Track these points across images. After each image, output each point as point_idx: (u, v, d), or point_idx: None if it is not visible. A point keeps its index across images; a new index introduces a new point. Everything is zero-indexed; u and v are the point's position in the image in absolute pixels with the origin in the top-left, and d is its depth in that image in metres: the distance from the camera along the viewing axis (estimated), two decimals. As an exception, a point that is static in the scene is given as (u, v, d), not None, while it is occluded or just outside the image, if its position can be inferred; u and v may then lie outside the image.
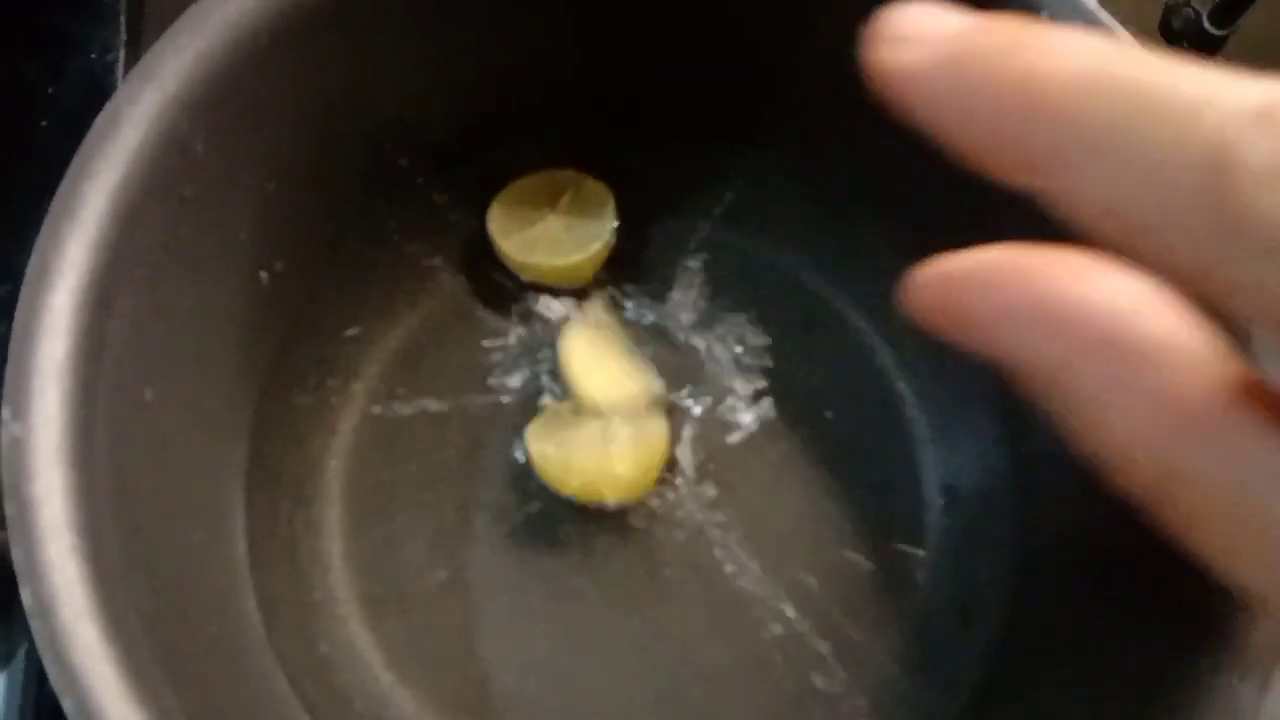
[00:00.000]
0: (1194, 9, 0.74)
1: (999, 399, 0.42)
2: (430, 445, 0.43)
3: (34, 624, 0.26)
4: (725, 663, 0.41)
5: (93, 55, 0.45)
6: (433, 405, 0.44)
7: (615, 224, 0.44)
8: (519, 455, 0.42)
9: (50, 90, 0.44)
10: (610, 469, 0.41)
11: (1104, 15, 0.33)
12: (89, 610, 0.26)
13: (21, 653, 0.44)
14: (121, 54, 0.45)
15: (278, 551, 0.40)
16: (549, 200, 0.44)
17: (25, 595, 0.26)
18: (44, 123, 0.44)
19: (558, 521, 0.42)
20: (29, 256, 0.42)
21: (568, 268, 0.44)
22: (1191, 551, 0.22)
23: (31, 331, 0.27)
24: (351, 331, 0.43)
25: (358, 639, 0.40)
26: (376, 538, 0.42)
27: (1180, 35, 0.77)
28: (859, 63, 0.34)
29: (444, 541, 0.42)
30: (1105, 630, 0.35)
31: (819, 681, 0.41)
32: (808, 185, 0.44)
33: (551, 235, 0.44)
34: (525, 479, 0.43)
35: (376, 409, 0.43)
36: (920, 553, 0.42)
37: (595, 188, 0.44)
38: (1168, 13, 0.77)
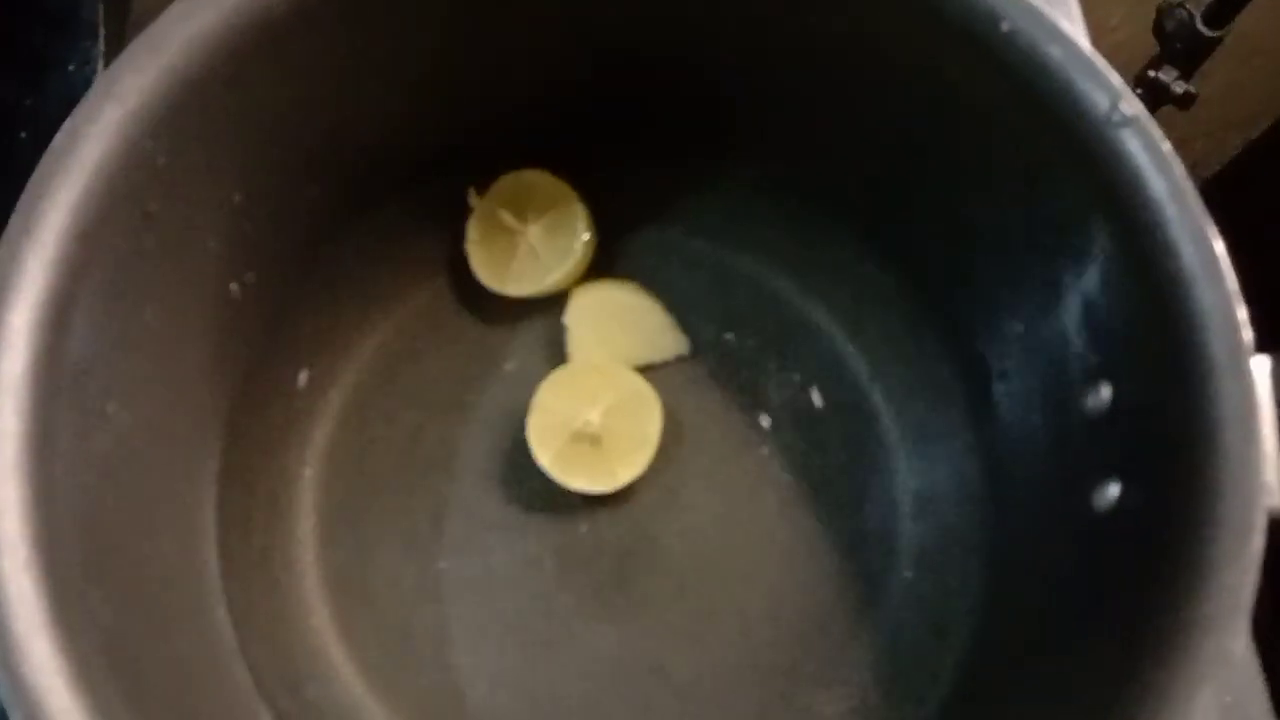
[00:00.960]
0: (1188, 10, 0.74)
1: (973, 404, 0.42)
2: (405, 454, 0.43)
3: (-12, 638, 0.26)
4: (699, 674, 0.41)
5: (71, 68, 0.45)
6: (408, 414, 0.44)
7: (587, 237, 0.44)
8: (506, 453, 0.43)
9: (28, 103, 0.45)
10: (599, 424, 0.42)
11: (1064, 24, 0.33)
12: (43, 625, 0.26)
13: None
14: (100, 66, 0.45)
15: (250, 562, 0.40)
16: (520, 214, 0.44)
17: (-21, 609, 0.26)
18: (22, 134, 0.45)
19: (532, 532, 0.43)
20: None
21: (546, 290, 0.44)
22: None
23: (-12, 348, 0.28)
24: (327, 341, 0.43)
25: (331, 649, 0.41)
26: (350, 547, 0.42)
27: (1173, 36, 0.77)
28: (836, 81, 0.34)
29: (417, 551, 0.42)
30: (1072, 646, 0.35)
31: (791, 693, 0.41)
32: (782, 198, 0.44)
33: (528, 258, 0.44)
34: (499, 489, 0.43)
35: (351, 418, 0.43)
36: (893, 563, 0.42)
37: (563, 193, 0.44)
38: (1161, 14, 0.77)
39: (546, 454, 0.41)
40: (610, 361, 0.44)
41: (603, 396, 0.42)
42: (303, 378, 0.43)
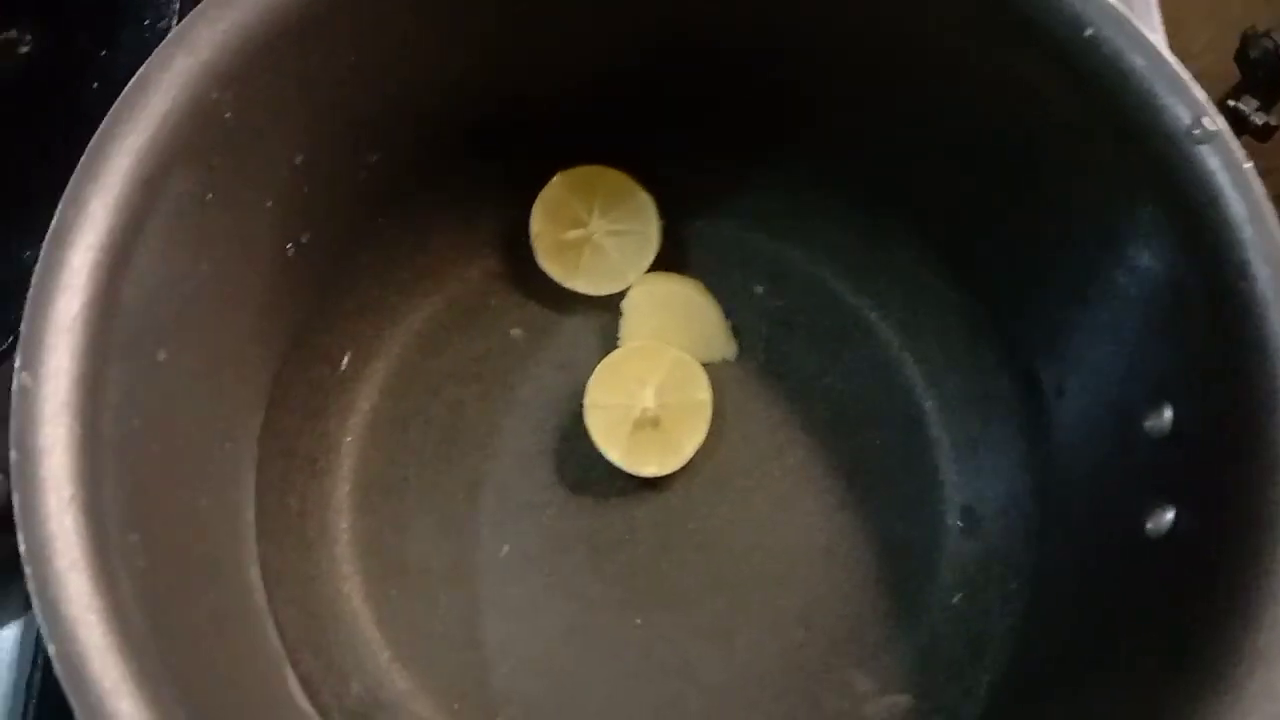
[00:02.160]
0: (1273, 39, 0.72)
1: (1029, 421, 0.41)
2: (446, 429, 0.43)
3: (27, 570, 0.26)
4: (726, 673, 0.41)
5: (146, 23, 0.46)
6: (451, 389, 0.44)
7: (658, 240, 0.44)
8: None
9: (102, 54, 0.45)
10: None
11: (1146, 31, 0.32)
12: (82, 561, 0.26)
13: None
14: (174, 21, 0.46)
15: (286, 523, 0.40)
16: (587, 209, 0.44)
17: (20, 542, 0.26)
18: (94, 85, 0.45)
19: (568, 515, 0.42)
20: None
21: (613, 290, 0.44)
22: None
23: (48, 287, 0.28)
24: (376, 309, 0.43)
25: (359, 615, 0.41)
26: (385, 516, 0.42)
27: (1257, 65, 0.75)
28: (906, 79, 0.33)
29: (452, 526, 0.42)
30: (1113, 671, 0.34)
31: (819, 699, 0.40)
32: (843, 196, 0.44)
33: (597, 256, 0.44)
34: (538, 470, 0.43)
35: (395, 389, 0.43)
36: (933, 576, 0.41)
37: (632, 191, 0.44)
38: (1245, 42, 0.75)
39: (616, 451, 0.41)
40: (644, 341, 0.43)
41: (650, 377, 0.42)
42: (349, 345, 0.43)
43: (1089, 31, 0.32)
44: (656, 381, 0.42)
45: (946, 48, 0.35)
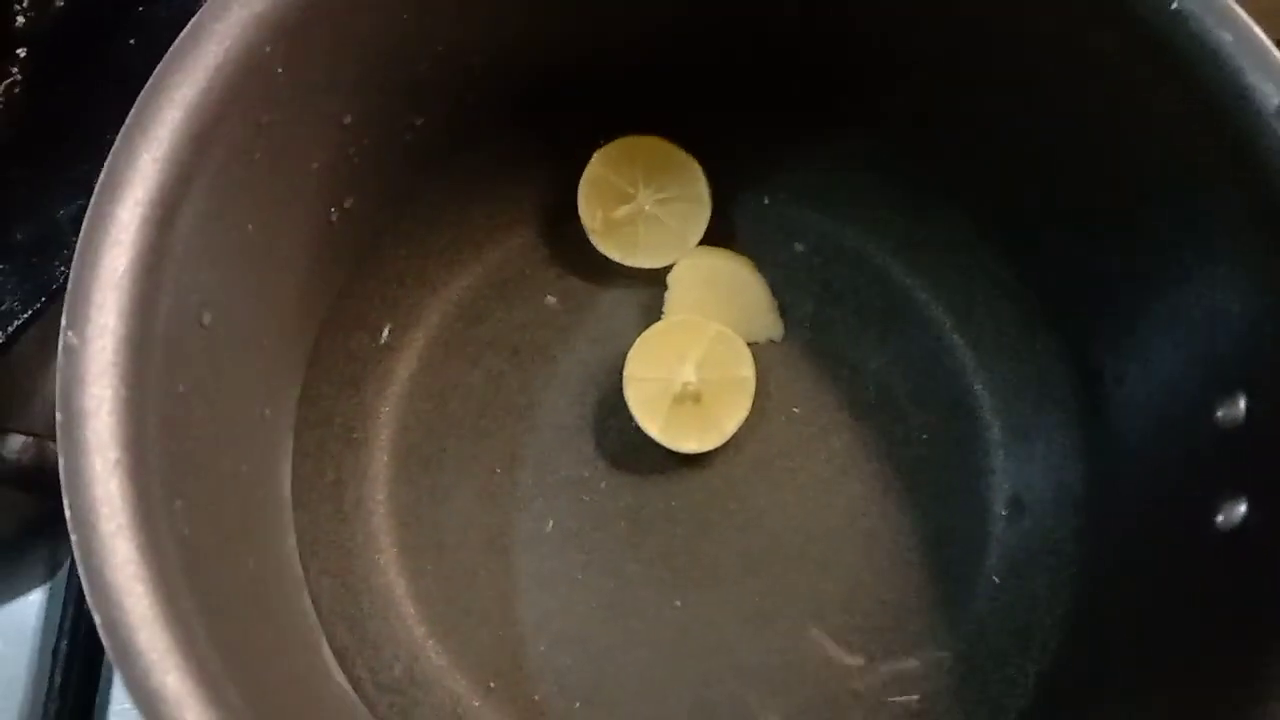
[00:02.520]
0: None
1: (1083, 408, 0.40)
2: (485, 401, 0.42)
3: (73, 536, 0.25)
4: (764, 657, 0.40)
5: (185, -23, 0.45)
6: (491, 360, 0.43)
7: (709, 215, 0.43)
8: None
9: (140, 8, 0.44)
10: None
11: (1238, 9, 0.30)
12: (127, 527, 0.26)
13: (65, 567, 0.45)
14: (214, -21, 0.45)
15: (323, 493, 0.39)
16: (631, 180, 0.43)
17: (66, 506, 0.25)
18: (130, 40, 0.44)
19: (607, 490, 0.41)
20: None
21: (663, 264, 0.43)
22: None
23: (95, 242, 0.27)
24: (416, 277, 0.42)
25: (394, 588, 0.40)
26: (422, 488, 0.41)
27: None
28: (969, 49, 0.32)
29: (490, 499, 0.41)
30: (1167, 669, 0.33)
31: (860, 687, 0.39)
32: (896, 172, 0.43)
33: (648, 229, 0.43)
34: (577, 444, 0.42)
35: (435, 358, 0.42)
36: (979, 564, 0.40)
37: (685, 164, 0.43)
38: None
39: (655, 424, 0.40)
40: (686, 315, 0.42)
41: (691, 352, 0.41)
42: (388, 313, 0.42)
43: (1174, 5, 0.31)
44: (697, 356, 0.41)
45: (1020, 20, 0.34)
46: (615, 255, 0.43)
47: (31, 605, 0.45)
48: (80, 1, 0.45)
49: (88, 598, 0.25)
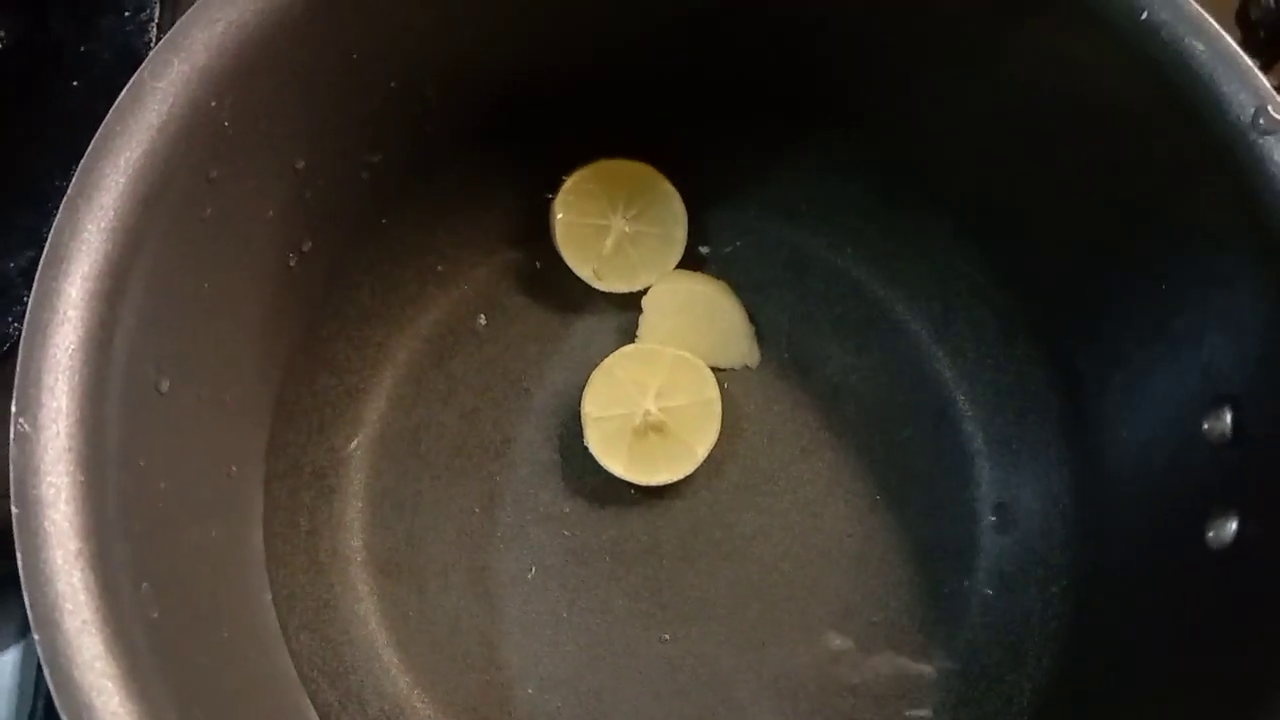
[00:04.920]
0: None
1: (1067, 416, 0.39)
2: (459, 439, 0.41)
3: (37, 635, 0.24)
4: (758, 687, 0.39)
5: (127, 13, 0.43)
6: (463, 397, 0.42)
7: (684, 237, 0.42)
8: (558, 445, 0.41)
9: (81, 48, 0.42)
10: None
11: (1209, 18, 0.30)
12: (92, 622, 0.24)
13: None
14: (156, 11, 0.43)
15: (296, 545, 0.38)
16: (612, 203, 0.42)
17: (27, 603, 0.24)
18: (73, 82, 0.43)
19: (589, 525, 0.41)
20: (54, 223, 0.40)
21: (638, 288, 0.42)
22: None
23: (42, 321, 0.26)
24: (382, 315, 0.41)
25: (376, 638, 0.39)
26: (399, 533, 0.40)
27: (1258, 25, 0.73)
28: (946, 61, 0.31)
29: (469, 541, 0.40)
30: (1163, 685, 0.33)
31: (856, 712, 0.39)
32: (870, 182, 0.42)
33: (620, 252, 0.42)
34: (556, 478, 0.41)
35: (404, 398, 0.41)
36: (970, 579, 0.40)
37: (657, 184, 0.42)
38: (1246, 2, 0.73)
39: (618, 463, 0.39)
40: (641, 344, 0.42)
41: (650, 381, 0.40)
42: (355, 353, 0.41)
43: (1144, 15, 0.30)
44: (656, 385, 0.40)
45: (995, 30, 0.33)
46: (573, 264, 0.42)
47: (5, 665, 0.43)
48: (21, 42, 0.44)
49: (55, 699, 0.24)
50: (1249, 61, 0.30)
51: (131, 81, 0.27)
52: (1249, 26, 0.73)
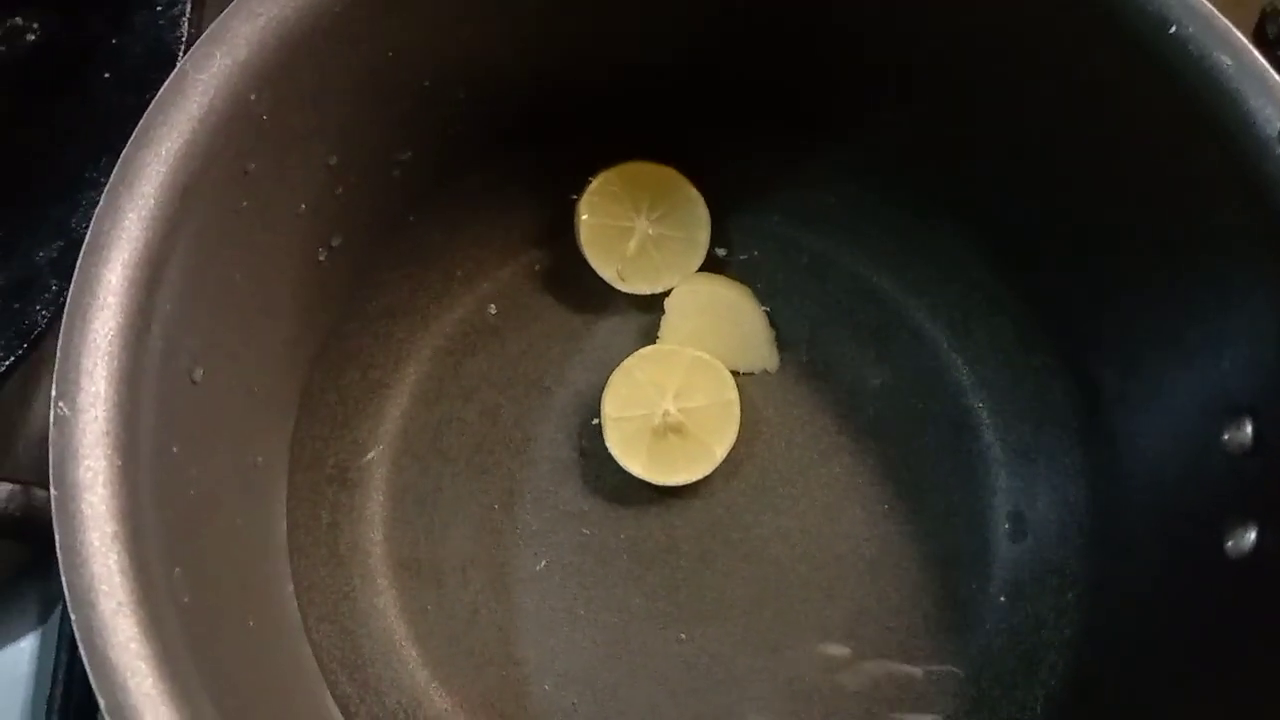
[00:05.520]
0: (1291, 16, 0.71)
1: (1084, 426, 0.40)
2: (480, 436, 0.42)
3: (72, 615, 0.24)
4: (773, 689, 0.39)
5: (159, 7, 0.43)
6: (485, 394, 0.42)
7: (707, 240, 0.42)
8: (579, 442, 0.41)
9: (114, 42, 0.43)
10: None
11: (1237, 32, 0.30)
12: (128, 604, 0.25)
13: (57, 612, 0.43)
14: (188, 7, 0.44)
15: (318, 537, 0.39)
16: (636, 205, 0.42)
17: (64, 584, 0.25)
18: (105, 75, 0.43)
19: (608, 524, 0.41)
20: (83, 215, 0.41)
21: (661, 289, 0.42)
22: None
23: (83, 307, 0.26)
24: (407, 312, 0.42)
25: (394, 631, 0.39)
26: (419, 528, 0.40)
27: (1276, 42, 0.74)
28: (968, 66, 0.31)
29: (488, 537, 0.40)
30: (1177, 696, 0.33)
31: (869, 716, 0.39)
32: (890, 190, 0.42)
33: (645, 254, 0.42)
34: (576, 477, 0.41)
35: (427, 395, 0.42)
36: (985, 587, 0.40)
37: (686, 192, 0.42)
38: (1264, 19, 0.73)
39: (637, 463, 0.40)
40: (661, 345, 0.42)
41: (668, 383, 0.40)
42: (379, 348, 0.41)
43: (1173, 29, 0.30)
44: (675, 386, 0.41)
45: (1020, 43, 0.33)
46: (595, 264, 0.42)
47: (23, 652, 0.43)
48: (52, 35, 0.44)
49: (91, 680, 0.24)
50: (1277, 77, 0.30)
51: (174, 73, 0.28)
52: (1266, 44, 0.74)
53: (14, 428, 0.43)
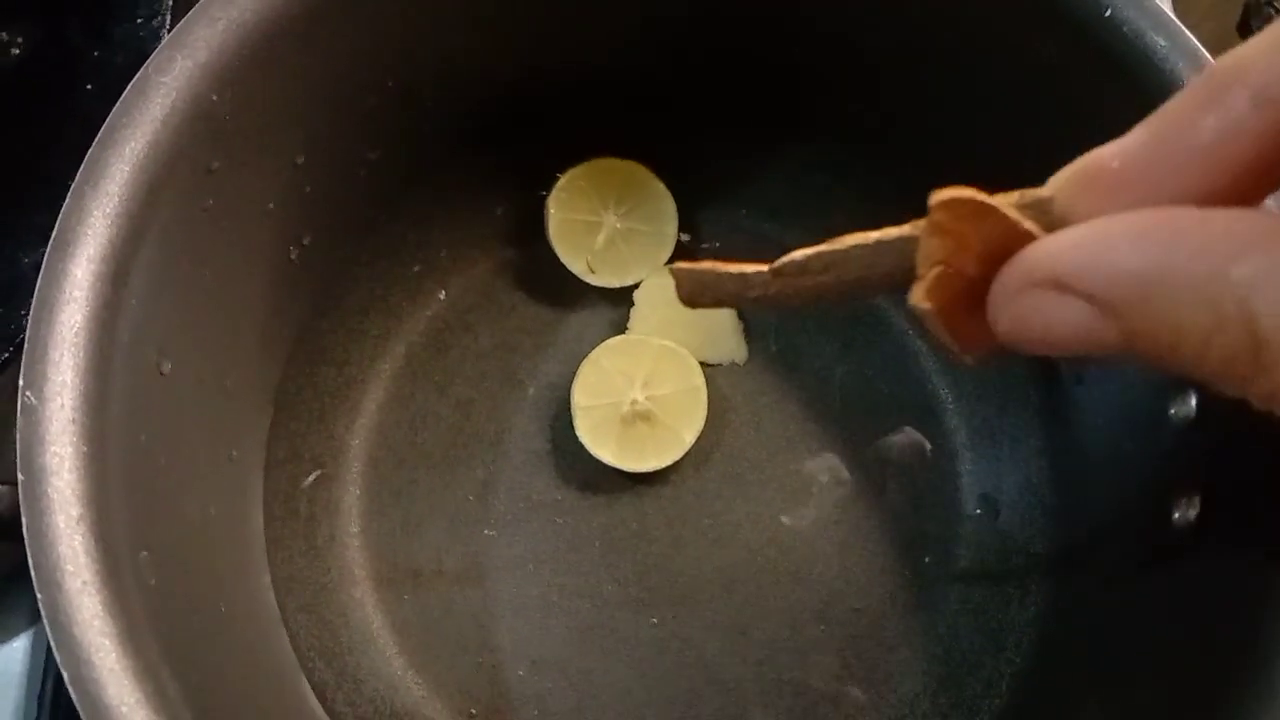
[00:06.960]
0: (1275, 9, 0.71)
1: (1047, 408, 0.40)
2: (455, 429, 0.42)
3: (40, 595, 0.25)
4: (744, 674, 0.40)
5: (139, 19, 0.45)
6: (459, 388, 0.43)
7: (675, 234, 0.43)
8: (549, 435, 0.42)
9: (95, 54, 0.44)
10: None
11: (1170, 13, 0.31)
12: (94, 583, 0.26)
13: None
14: (168, 18, 0.45)
15: (295, 529, 0.40)
16: (604, 201, 0.43)
17: (31, 565, 0.26)
18: (88, 86, 0.44)
19: (580, 513, 0.42)
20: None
21: (630, 282, 0.43)
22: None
23: (50, 299, 0.27)
24: (380, 308, 0.43)
25: (371, 621, 0.40)
26: (395, 519, 0.41)
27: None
28: (924, 56, 0.32)
29: (463, 527, 0.41)
30: (1141, 668, 0.33)
31: (839, 696, 0.40)
32: (853, 181, 0.43)
33: (613, 248, 0.43)
34: (549, 467, 0.42)
35: (402, 389, 0.43)
36: (951, 568, 0.41)
37: (654, 187, 0.43)
38: (1247, 13, 0.74)
39: (607, 450, 0.41)
40: (628, 336, 0.43)
41: (636, 372, 0.41)
42: (354, 344, 0.42)
43: (1108, 11, 0.31)
44: (643, 375, 0.41)
45: (969, 28, 0.34)
46: (565, 258, 0.43)
47: (16, 651, 0.44)
48: (39, 49, 0.45)
49: (55, 654, 0.25)
50: (1210, 56, 0.31)
51: (137, 76, 0.29)
52: (1250, 37, 0.74)
53: (5, 432, 0.44)
